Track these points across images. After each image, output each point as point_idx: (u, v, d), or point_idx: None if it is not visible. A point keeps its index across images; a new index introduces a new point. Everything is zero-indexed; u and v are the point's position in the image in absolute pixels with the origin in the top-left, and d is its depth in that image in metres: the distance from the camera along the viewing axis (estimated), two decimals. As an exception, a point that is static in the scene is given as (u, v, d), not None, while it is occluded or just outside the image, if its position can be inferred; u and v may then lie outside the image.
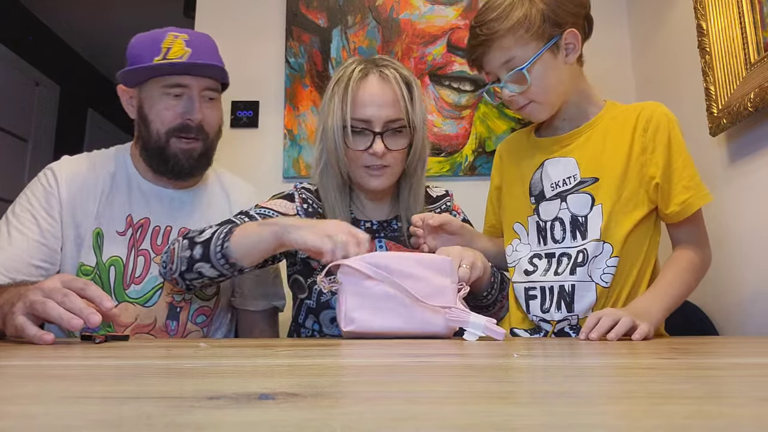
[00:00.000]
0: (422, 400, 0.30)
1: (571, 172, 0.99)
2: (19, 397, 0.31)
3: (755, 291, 1.21)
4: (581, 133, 1.01)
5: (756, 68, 1.17)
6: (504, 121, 1.79)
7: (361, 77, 1.02)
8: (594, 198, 0.96)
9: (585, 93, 1.04)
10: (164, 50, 1.04)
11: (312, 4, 1.87)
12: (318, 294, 1.04)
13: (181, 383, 0.36)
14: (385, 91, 1.02)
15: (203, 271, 0.94)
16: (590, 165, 0.98)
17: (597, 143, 0.99)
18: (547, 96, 0.98)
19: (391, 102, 1.02)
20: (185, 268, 0.95)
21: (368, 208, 1.13)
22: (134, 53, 1.07)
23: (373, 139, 1.01)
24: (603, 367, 0.47)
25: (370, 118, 1.01)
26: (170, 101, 1.06)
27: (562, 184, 1.00)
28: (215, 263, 0.92)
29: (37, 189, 1.08)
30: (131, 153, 1.16)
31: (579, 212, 0.97)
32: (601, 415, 0.27)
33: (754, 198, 1.22)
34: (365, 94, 1.01)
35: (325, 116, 1.05)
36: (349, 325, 0.80)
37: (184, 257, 0.94)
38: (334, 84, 1.05)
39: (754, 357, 0.58)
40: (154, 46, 1.04)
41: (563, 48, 0.96)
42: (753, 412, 0.27)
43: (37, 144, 3.49)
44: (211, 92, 1.09)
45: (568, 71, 0.98)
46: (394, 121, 1.02)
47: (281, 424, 0.24)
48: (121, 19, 3.59)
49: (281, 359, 0.53)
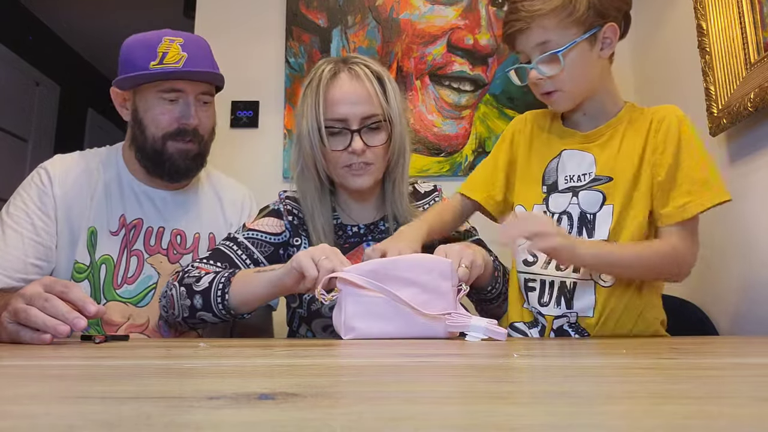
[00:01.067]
0: (422, 400, 0.30)
1: (588, 168, 0.99)
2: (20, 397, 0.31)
3: (755, 291, 1.21)
4: (602, 133, 1.00)
5: (756, 68, 1.17)
6: (504, 121, 1.79)
7: (331, 77, 1.01)
8: (606, 197, 0.96)
9: (610, 92, 1.02)
10: (160, 55, 1.03)
11: (312, 4, 1.87)
12: (308, 303, 1.04)
13: (181, 383, 0.36)
14: (357, 88, 1.01)
15: (206, 318, 0.95)
16: (607, 164, 0.97)
17: (615, 144, 0.98)
18: (576, 86, 0.96)
19: (364, 98, 1.00)
20: (187, 315, 0.96)
21: (354, 211, 1.11)
22: (129, 57, 1.07)
23: (351, 137, 1.00)
24: (603, 367, 0.47)
25: (345, 117, 1.00)
26: (166, 106, 1.06)
27: (577, 179, 0.99)
28: (217, 313, 0.94)
29: (31, 188, 1.08)
30: (123, 154, 1.15)
31: (589, 209, 0.97)
32: (601, 415, 0.27)
33: (754, 198, 1.22)
34: (337, 93, 1.00)
35: (299, 120, 1.04)
36: (349, 333, 0.79)
37: (185, 306, 0.95)
38: (306, 87, 1.04)
39: (754, 357, 0.58)
40: (149, 50, 1.04)
41: (600, 40, 0.95)
42: (753, 412, 0.27)
43: (37, 144, 3.49)
44: (205, 96, 1.10)
45: (599, 65, 0.97)
46: (370, 117, 1.01)
47: (281, 424, 0.24)
48: (121, 20, 3.59)
49: (281, 359, 0.53)
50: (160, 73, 1.03)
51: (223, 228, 1.18)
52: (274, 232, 1.07)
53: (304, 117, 1.02)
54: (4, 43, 3.18)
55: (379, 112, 1.02)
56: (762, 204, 1.20)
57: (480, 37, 1.85)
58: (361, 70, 1.02)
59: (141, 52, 1.05)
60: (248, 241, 1.05)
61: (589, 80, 0.97)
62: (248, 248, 1.04)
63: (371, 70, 1.03)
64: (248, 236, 1.05)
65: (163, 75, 1.03)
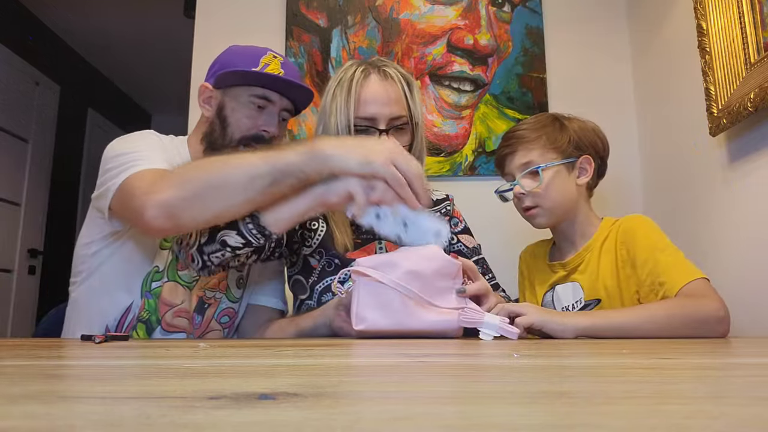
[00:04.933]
0: (422, 400, 0.30)
1: (578, 295, 1.07)
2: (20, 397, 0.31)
3: (755, 291, 1.21)
4: (582, 257, 1.09)
5: (756, 68, 1.17)
6: (504, 121, 1.79)
7: (363, 77, 1.05)
8: None
9: (588, 216, 1.13)
10: (262, 64, 1.07)
11: (312, 4, 1.87)
12: (320, 294, 1.04)
13: (181, 383, 0.36)
14: (388, 89, 1.04)
15: (227, 239, 0.88)
16: (592, 288, 1.06)
17: (593, 267, 1.07)
18: (552, 203, 1.07)
19: (394, 99, 1.04)
20: (205, 240, 0.89)
21: None
22: (230, 59, 1.10)
23: (378, 136, 1.03)
24: (603, 367, 0.47)
25: (374, 116, 1.03)
26: (253, 111, 1.08)
27: (572, 307, 1.07)
28: (243, 228, 0.87)
29: (153, 140, 1.06)
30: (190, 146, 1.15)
31: None
32: (601, 415, 0.27)
33: (754, 198, 1.22)
34: (368, 93, 1.03)
35: (327, 117, 1.06)
36: (360, 323, 0.79)
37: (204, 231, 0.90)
38: (336, 85, 1.07)
39: (754, 357, 0.58)
40: (253, 58, 1.07)
41: (577, 168, 1.10)
42: (753, 412, 0.27)
43: (37, 144, 3.49)
44: (287, 113, 1.12)
45: (575, 191, 1.10)
46: (398, 118, 1.04)
47: (281, 424, 0.24)
48: (121, 20, 3.59)
49: (282, 359, 0.53)
50: (263, 75, 1.05)
51: None
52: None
53: (333, 114, 1.05)
54: (4, 43, 3.18)
55: (405, 114, 1.06)
56: (762, 204, 1.20)
57: (480, 37, 1.85)
58: (392, 72, 1.07)
59: (244, 59, 1.08)
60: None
61: (566, 200, 1.09)
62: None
63: (400, 73, 1.08)
64: None
65: (264, 79, 1.06)
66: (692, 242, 1.40)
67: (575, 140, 1.09)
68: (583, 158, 1.10)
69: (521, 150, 1.09)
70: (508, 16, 1.86)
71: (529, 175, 1.07)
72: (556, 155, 1.08)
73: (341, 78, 1.07)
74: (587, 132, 1.12)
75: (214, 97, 1.11)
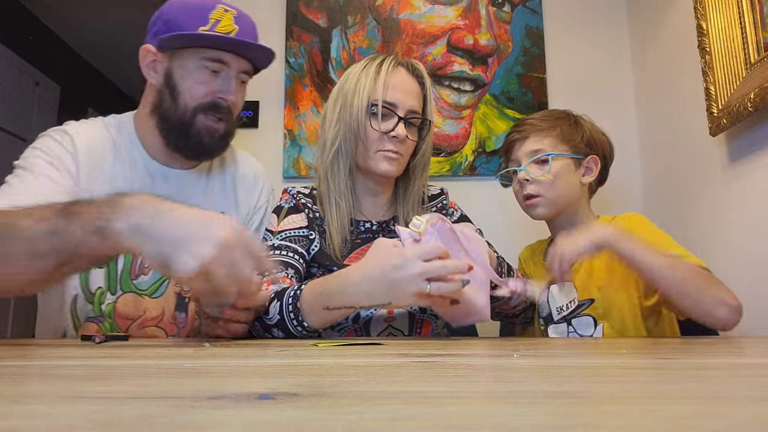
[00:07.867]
0: (422, 400, 0.30)
1: (572, 296, 1.08)
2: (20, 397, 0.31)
3: (755, 291, 1.21)
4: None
5: (756, 68, 1.17)
6: (504, 121, 1.79)
7: (393, 66, 1.07)
8: (596, 319, 1.04)
9: (586, 216, 1.14)
10: (212, 21, 0.95)
11: (312, 4, 1.87)
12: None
13: (181, 383, 0.36)
14: (412, 83, 1.07)
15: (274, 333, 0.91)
16: (585, 288, 1.07)
17: (587, 265, 1.07)
18: (556, 194, 1.08)
19: (416, 94, 1.07)
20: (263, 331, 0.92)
21: (365, 206, 1.12)
22: (174, 17, 0.97)
23: (397, 122, 1.04)
24: (603, 367, 0.47)
25: (396, 102, 1.04)
26: (206, 76, 0.98)
27: (566, 308, 1.08)
28: (294, 332, 0.89)
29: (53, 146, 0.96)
30: (136, 124, 1.05)
31: (585, 332, 1.05)
32: (601, 415, 0.27)
33: (754, 198, 1.22)
34: (396, 80, 1.05)
35: (350, 98, 1.05)
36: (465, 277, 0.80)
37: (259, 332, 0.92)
38: (361, 71, 1.07)
39: (754, 357, 0.58)
40: (201, 14, 0.95)
41: (584, 167, 1.11)
42: (753, 412, 0.27)
43: (37, 144, 3.49)
44: (245, 75, 1.03)
45: (579, 187, 1.11)
46: (415, 113, 1.06)
47: (281, 424, 0.24)
48: (121, 20, 3.59)
49: (281, 359, 0.53)
50: (215, 38, 0.94)
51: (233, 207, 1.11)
52: (303, 225, 1.07)
53: (356, 93, 1.05)
54: (4, 43, 3.18)
55: (420, 111, 1.08)
56: (762, 204, 1.20)
57: (480, 37, 1.85)
58: (420, 68, 1.10)
59: (190, 14, 0.96)
60: (285, 241, 1.03)
61: (569, 194, 1.10)
62: (288, 246, 1.03)
63: (425, 74, 1.10)
64: (282, 237, 1.04)
65: (216, 41, 0.95)
66: (691, 242, 1.40)
67: (587, 138, 1.10)
68: (591, 158, 1.11)
69: (533, 137, 1.09)
70: (508, 16, 1.86)
71: (537, 163, 1.08)
72: (567, 148, 1.09)
73: (367, 65, 1.08)
74: (599, 134, 1.14)
75: (159, 62, 0.99)
